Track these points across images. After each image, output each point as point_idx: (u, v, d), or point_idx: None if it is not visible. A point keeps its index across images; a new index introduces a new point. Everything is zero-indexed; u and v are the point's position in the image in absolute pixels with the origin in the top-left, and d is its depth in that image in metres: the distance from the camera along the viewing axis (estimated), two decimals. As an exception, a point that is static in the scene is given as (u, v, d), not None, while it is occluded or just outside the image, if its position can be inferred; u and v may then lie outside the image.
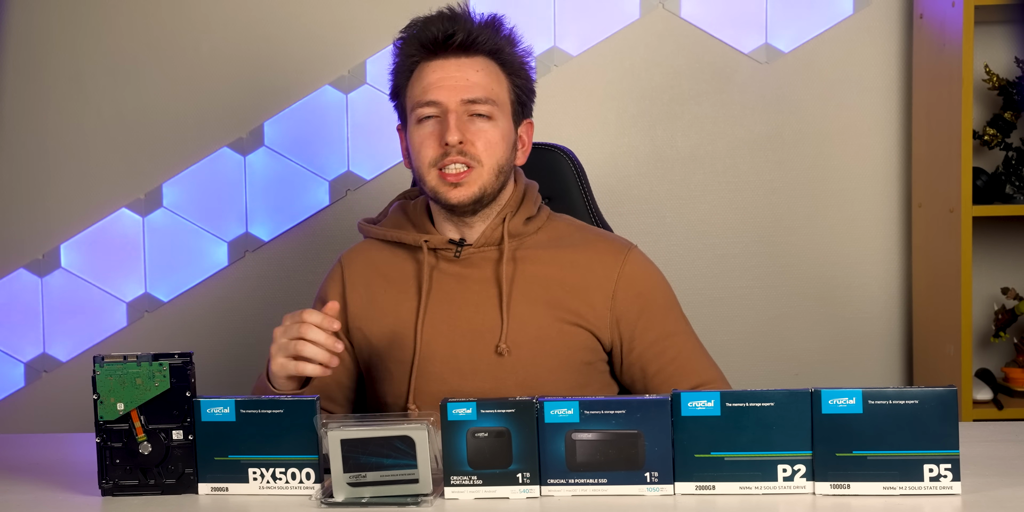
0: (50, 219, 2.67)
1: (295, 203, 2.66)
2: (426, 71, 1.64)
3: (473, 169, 1.62)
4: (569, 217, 1.78)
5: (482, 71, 1.64)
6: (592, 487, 1.31)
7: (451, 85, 1.62)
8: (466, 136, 1.61)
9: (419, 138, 1.64)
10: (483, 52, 1.65)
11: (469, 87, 1.62)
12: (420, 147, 1.63)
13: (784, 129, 2.62)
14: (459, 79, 1.63)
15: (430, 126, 1.63)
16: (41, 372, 2.69)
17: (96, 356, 1.37)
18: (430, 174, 1.63)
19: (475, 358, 1.64)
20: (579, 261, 1.67)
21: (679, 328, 1.70)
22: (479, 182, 1.62)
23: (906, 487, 1.28)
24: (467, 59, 1.64)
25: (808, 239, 2.64)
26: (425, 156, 1.63)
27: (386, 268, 1.71)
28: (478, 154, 1.62)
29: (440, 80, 1.63)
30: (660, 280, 1.71)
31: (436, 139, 1.62)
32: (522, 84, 1.69)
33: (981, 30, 2.47)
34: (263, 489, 1.36)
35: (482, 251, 1.67)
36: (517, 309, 1.64)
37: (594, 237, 1.73)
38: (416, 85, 1.65)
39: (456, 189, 1.62)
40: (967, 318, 2.31)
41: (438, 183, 1.63)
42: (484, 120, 1.63)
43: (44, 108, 2.67)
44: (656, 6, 2.61)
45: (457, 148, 1.60)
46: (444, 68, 1.63)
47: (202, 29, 2.65)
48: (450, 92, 1.62)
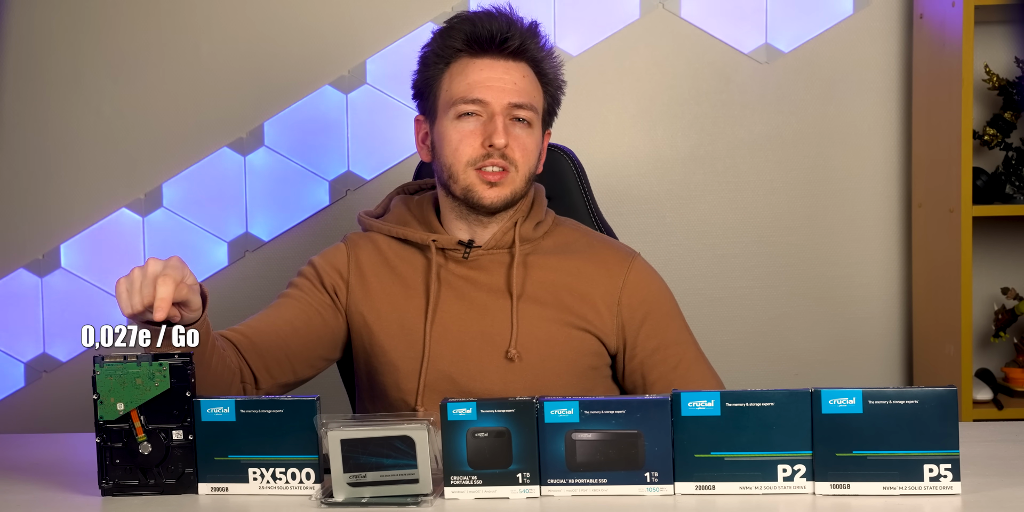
0: (50, 219, 2.67)
1: (295, 203, 2.66)
2: (472, 68, 1.64)
3: (508, 172, 1.63)
4: (573, 221, 1.79)
5: (527, 78, 1.66)
6: (592, 487, 1.31)
7: (500, 87, 1.63)
8: (509, 141, 1.62)
9: (458, 135, 1.63)
10: (527, 59, 1.66)
11: (517, 91, 1.63)
12: (458, 144, 1.63)
13: (784, 129, 2.62)
14: (507, 82, 1.63)
15: (472, 124, 1.63)
16: (41, 372, 2.69)
17: (96, 356, 1.37)
18: (467, 173, 1.63)
19: (484, 361, 1.64)
20: (585, 268, 1.68)
21: (681, 337, 1.71)
22: (512, 186, 1.64)
23: (906, 487, 1.27)
24: (514, 63, 1.65)
25: (808, 239, 2.64)
26: (463, 154, 1.63)
27: (394, 260, 1.71)
28: (516, 159, 1.63)
29: (488, 80, 1.63)
30: (663, 288, 1.72)
31: (478, 138, 1.62)
32: (555, 94, 1.72)
33: (981, 30, 2.47)
34: (263, 489, 1.36)
35: (491, 253, 1.68)
36: (526, 313, 1.65)
37: (599, 244, 1.74)
38: (459, 80, 1.64)
39: (492, 189, 1.63)
40: (967, 318, 2.31)
41: (475, 181, 1.63)
42: (524, 126, 1.65)
43: (44, 108, 2.67)
44: (656, 6, 2.61)
45: (500, 151, 1.61)
46: (492, 68, 1.64)
47: (202, 29, 2.65)
48: (499, 94, 1.62)
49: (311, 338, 1.67)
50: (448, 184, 1.66)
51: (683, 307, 1.75)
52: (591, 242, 1.74)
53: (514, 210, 1.69)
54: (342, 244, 1.75)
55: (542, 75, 1.69)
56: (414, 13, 2.60)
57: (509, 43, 1.63)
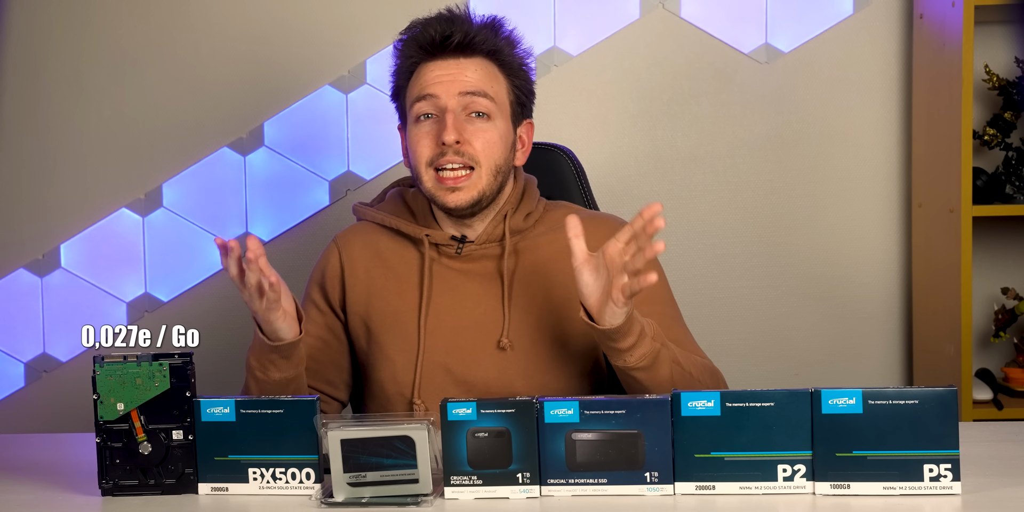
0: (50, 219, 2.67)
1: (295, 203, 2.65)
2: (424, 70, 1.65)
3: (473, 171, 1.62)
4: (565, 203, 1.79)
5: (480, 70, 1.65)
6: (592, 487, 1.31)
7: (448, 81, 1.63)
8: (463, 136, 1.61)
9: (416, 137, 1.64)
10: (481, 53, 1.66)
11: (466, 82, 1.63)
12: (416, 146, 1.64)
13: (784, 129, 2.62)
14: (456, 75, 1.63)
15: (427, 125, 1.64)
16: (41, 372, 2.68)
17: (96, 356, 1.37)
18: (427, 174, 1.63)
19: (477, 350, 1.65)
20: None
21: (665, 298, 1.69)
22: (478, 186, 1.63)
23: (906, 487, 1.27)
24: (465, 59, 1.65)
25: (808, 239, 2.64)
26: (421, 155, 1.63)
27: (386, 254, 1.71)
28: (476, 154, 1.62)
29: (438, 77, 1.63)
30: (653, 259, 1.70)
31: (433, 138, 1.62)
32: (521, 85, 1.70)
33: (981, 30, 2.47)
34: (263, 489, 1.36)
35: (483, 248, 1.68)
36: (518, 302, 1.65)
37: (588, 217, 1.71)
38: (415, 84, 1.66)
39: (453, 193, 1.62)
40: (967, 318, 2.31)
41: (435, 185, 1.63)
42: (483, 120, 1.64)
43: (44, 108, 2.67)
44: (656, 6, 2.61)
45: (454, 148, 1.60)
46: (442, 67, 1.64)
47: (202, 29, 2.65)
48: (447, 86, 1.62)
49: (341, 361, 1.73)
50: (420, 188, 1.67)
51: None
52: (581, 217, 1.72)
53: (503, 203, 1.69)
54: (333, 246, 1.76)
55: (504, 65, 1.67)
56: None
57: (451, 40, 1.63)
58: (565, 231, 1.46)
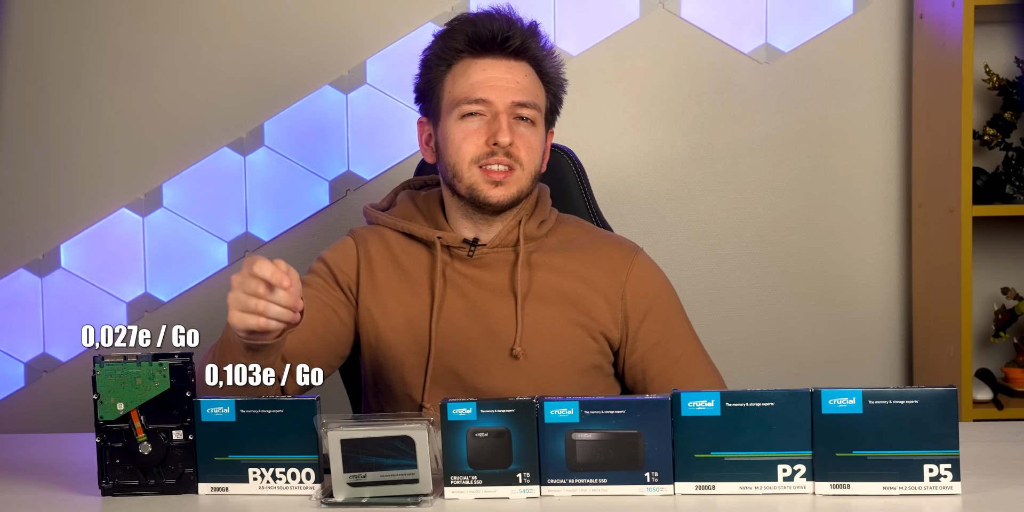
0: (50, 219, 2.67)
1: (295, 203, 2.66)
2: (474, 68, 1.65)
3: (514, 170, 1.64)
4: (576, 218, 1.80)
5: (529, 77, 1.67)
6: (592, 487, 1.31)
7: (503, 86, 1.63)
8: (512, 139, 1.63)
9: (461, 134, 1.64)
10: (528, 58, 1.67)
11: (520, 90, 1.64)
12: (462, 142, 1.64)
13: (784, 129, 2.62)
14: (510, 81, 1.64)
15: (475, 123, 1.64)
16: (41, 372, 2.69)
17: (96, 356, 1.37)
18: (471, 171, 1.64)
19: (489, 358, 1.65)
20: (589, 264, 1.69)
21: (683, 333, 1.71)
22: (518, 184, 1.65)
23: (906, 487, 1.27)
24: (515, 63, 1.66)
25: (808, 239, 2.64)
26: (467, 152, 1.64)
27: (400, 256, 1.71)
28: (521, 157, 1.64)
29: (491, 80, 1.64)
30: (666, 284, 1.73)
31: (482, 137, 1.63)
32: (556, 93, 1.72)
33: (981, 30, 2.47)
34: (263, 489, 1.36)
35: (496, 252, 1.69)
36: (531, 311, 1.66)
37: (602, 240, 1.75)
38: (461, 81, 1.65)
39: (497, 188, 1.63)
40: (967, 318, 2.31)
41: (480, 180, 1.64)
42: (528, 125, 1.66)
43: (44, 108, 2.67)
44: (656, 6, 2.61)
45: (505, 149, 1.62)
46: (494, 68, 1.64)
47: (202, 29, 2.65)
48: (502, 93, 1.63)
49: (330, 338, 1.67)
50: (453, 183, 1.66)
51: (683, 307, 1.75)
52: (594, 238, 1.74)
53: (518, 209, 1.70)
54: (350, 238, 1.75)
55: (543, 74, 1.70)
56: (414, 13, 2.60)
57: (510, 42, 1.64)
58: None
